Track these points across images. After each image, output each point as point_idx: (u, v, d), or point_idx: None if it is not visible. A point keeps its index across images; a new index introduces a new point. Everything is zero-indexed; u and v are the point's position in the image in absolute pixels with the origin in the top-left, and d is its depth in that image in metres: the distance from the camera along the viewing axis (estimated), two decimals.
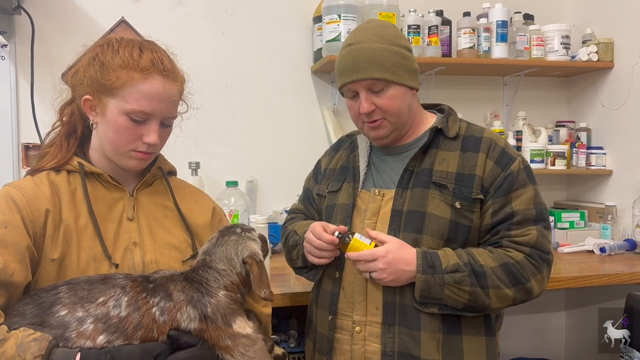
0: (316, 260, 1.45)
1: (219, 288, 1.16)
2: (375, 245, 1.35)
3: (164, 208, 1.32)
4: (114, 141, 1.20)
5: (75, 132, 1.29)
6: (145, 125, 1.20)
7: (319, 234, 1.40)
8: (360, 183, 1.50)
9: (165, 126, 1.25)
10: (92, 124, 1.24)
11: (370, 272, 1.34)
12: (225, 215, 1.47)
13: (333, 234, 1.38)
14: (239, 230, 1.26)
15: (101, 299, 1.07)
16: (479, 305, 1.33)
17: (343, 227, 1.40)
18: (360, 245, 1.35)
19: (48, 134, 1.32)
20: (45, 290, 1.10)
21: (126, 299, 1.08)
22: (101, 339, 1.04)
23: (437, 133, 1.46)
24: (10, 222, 1.11)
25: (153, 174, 1.33)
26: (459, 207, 1.38)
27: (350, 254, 1.35)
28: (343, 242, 1.37)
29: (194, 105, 1.35)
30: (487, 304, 1.33)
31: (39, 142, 2.34)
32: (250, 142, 2.67)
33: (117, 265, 1.19)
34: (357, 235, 1.36)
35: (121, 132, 1.19)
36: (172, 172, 1.42)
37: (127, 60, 1.18)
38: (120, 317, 1.06)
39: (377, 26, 1.46)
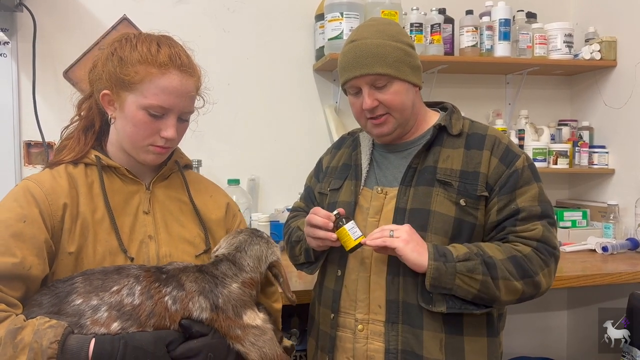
0: (313, 243, 1.44)
1: (234, 282, 1.18)
2: (360, 244, 1.36)
3: (179, 202, 1.33)
4: (132, 135, 1.22)
5: (93, 126, 1.30)
6: (163, 120, 1.21)
7: (316, 211, 1.41)
8: (363, 181, 1.50)
9: (183, 121, 1.26)
10: (110, 119, 1.25)
11: (392, 230, 1.31)
12: (239, 210, 1.47)
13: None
14: (265, 235, 1.31)
15: (115, 288, 1.10)
16: (489, 296, 1.32)
17: (342, 210, 1.40)
18: (347, 236, 1.36)
19: (66, 127, 1.33)
20: (62, 281, 1.12)
21: (139, 287, 1.10)
22: (115, 326, 1.06)
23: (440, 130, 1.45)
24: (29, 216, 1.13)
25: (170, 167, 1.34)
26: (464, 204, 1.37)
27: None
28: (337, 225, 1.38)
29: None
30: (496, 296, 1.31)
31: (41, 140, 2.34)
32: (252, 140, 2.67)
33: (132, 259, 1.21)
34: (349, 225, 1.36)
35: (139, 127, 1.20)
36: (188, 166, 1.43)
37: (145, 55, 1.19)
38: (133, 305, 1.09)
39: (381, 23, 1.46)
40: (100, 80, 1.22)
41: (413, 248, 1.30)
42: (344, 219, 1.38)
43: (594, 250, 2.50)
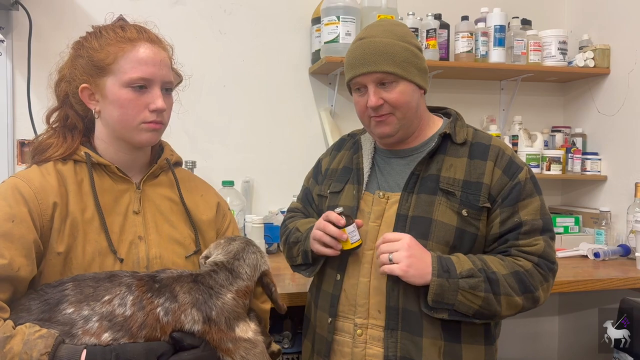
0: (316, 246, 1.43)
1: (229, 291, 1.17)
2: (359, 246, 1.39)
3: (169, 202, 1.32)
4: (122, 118, 1.20)
5: (76, 127, 1.28)
6: (148, 92, 1.20)
7: (326, 216, 1.41)
8: (364, 185, 1.49)
9: (167, 93, 1.25)
10: (95, 114, 1.23)
11: (391, 252, 1.31)
12: (229, 209, 1.46)
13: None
14: (257, 244, 1.32)
15: (107, 297, 1.08)
16: (490, 312, 1.32)
17: (341, 210, 1.42)
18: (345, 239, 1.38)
19: (38, 137, 1.30)
20: (51, 285, 1.10)
21: (131, 298, 1.09)
22: (106, 337, 1.05)
23: (444, 138, 1.44)
24: (17, 215, 1.11)
25: (160, 165, 1.33)
26: (466, 214, 1.37)
27: (377, 242, 1.36)
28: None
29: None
30: (497, 311, 1.33)
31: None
32: (247, 142, 2.67)
33: (122, 260, 1.19)
34: (350, 228, 1.38)
35: (126, 106, 1.19)
36: (178, 163, 1.42)
37: (112, 36, 1.20)
38: (125, 316, 1.07)
39: (390, 24, 1.46)
40: (74, 79, 1.21)
41: (414, 273, 1.30)
42: (343, 219, 1.38)
43: (586, 256, 2.51)
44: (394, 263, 1.30)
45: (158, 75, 1.20)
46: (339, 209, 1.40)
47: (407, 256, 1.29)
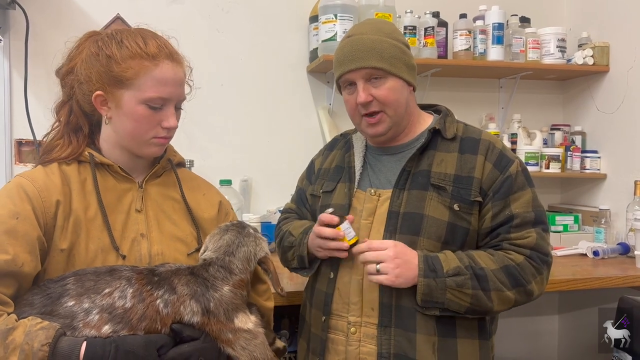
0: (322, 254, 1.43)
1: (225, 284, 1.18)
2: (357, 242, 1.37)
3: (171, 200, 1.33)
4: (134, 131, 1.22)
5: (81, 129, 1.28)
6: (162, 111, 1.22)
7: (319, 219, 1.41)
8: (356, 183, 1.49)
9: (177, 109, 1.27)
10: (105, 120, 1.24)
11: (378, 262, 1.31)
12: (231, 208, 1.47)
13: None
14: (252, 230, 1.30)
15: (107, 290, 1.09)
16: (482, 308, 1.33)
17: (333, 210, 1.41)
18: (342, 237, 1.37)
19: (47, 135, 1.31)
20: (54, 281, 1.12)
21: (131, 290, 1.10)
22: (106, 329, 1.06)
23: (434, 134, 1.45)
24: (21, 213, 1.13)
25: (162, 165, 1.34)
26: (458, 209, 1.37)
27: (358, 246, 1.35)
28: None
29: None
30: (489, 307, 1.33)
31: (32, 138, 2.32)
32: (245, 141, 2.66)
33: (124, 257, 1.20)
34: (344, 225, 1.37)
35: (141, 122, 1.20)
36: (181, 164, 1.43)
37: (134, 49, 1.19)
38: (125, 308, 1.08)
39: (377, 21, 1.48)
40: (89, 82, 1.21)
41: (403, 281, 1.31)
42: (336, 219, 1.38)
43: (585, 255, 2.50)
44: (381, 273, 1.31)
45: (175, 95, 1.23)
46: (330, 210, 1.40)
47: (393, 267, 1.30)
